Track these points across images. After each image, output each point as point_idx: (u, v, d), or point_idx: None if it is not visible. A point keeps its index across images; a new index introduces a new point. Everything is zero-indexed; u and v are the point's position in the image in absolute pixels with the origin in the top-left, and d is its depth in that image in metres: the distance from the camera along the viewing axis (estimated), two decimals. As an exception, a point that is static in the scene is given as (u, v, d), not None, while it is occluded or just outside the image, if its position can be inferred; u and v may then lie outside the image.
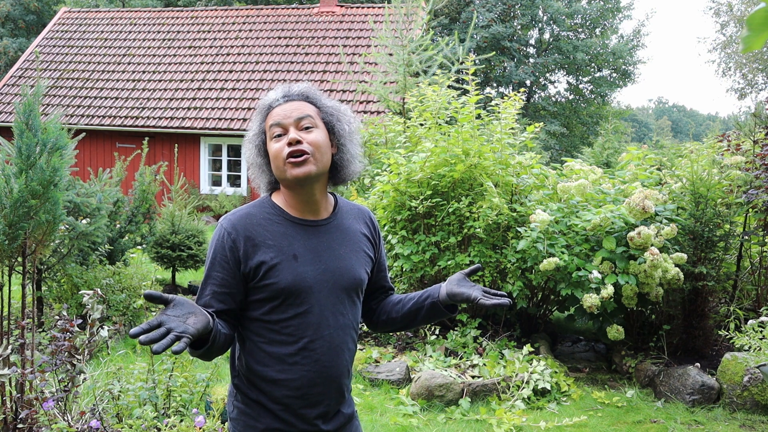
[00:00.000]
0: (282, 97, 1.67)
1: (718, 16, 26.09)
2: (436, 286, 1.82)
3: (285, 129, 1.64)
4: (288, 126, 1.63)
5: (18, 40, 25.78)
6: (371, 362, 4.92)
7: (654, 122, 68.78)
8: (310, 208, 1.69)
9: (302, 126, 1.64)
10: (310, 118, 1.65)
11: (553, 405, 4.40)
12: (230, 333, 1.61)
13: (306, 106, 1.67)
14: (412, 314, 1.83)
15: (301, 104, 1.66)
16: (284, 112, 1.65)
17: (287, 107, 1.65)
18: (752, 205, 5.02)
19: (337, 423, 1.71)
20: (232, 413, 1.70)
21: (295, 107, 1.65)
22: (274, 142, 1.64)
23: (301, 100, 1.68)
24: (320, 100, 1.71)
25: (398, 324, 1.86)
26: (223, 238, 1.63)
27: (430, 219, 5.35)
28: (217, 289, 1.61)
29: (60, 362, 3.11)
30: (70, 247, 5.05)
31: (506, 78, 26.53)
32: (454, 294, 1.74)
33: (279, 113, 1.65)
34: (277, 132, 1.64)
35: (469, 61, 5.78)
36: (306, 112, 1.65)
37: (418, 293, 1.84)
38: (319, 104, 1.70)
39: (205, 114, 14.66)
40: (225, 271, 1.62)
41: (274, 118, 1.65)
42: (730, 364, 4.38)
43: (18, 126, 3.20)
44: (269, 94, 1.72)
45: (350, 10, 16.85)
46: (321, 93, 1.74)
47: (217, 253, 1.64)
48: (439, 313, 1.80)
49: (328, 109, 1.70)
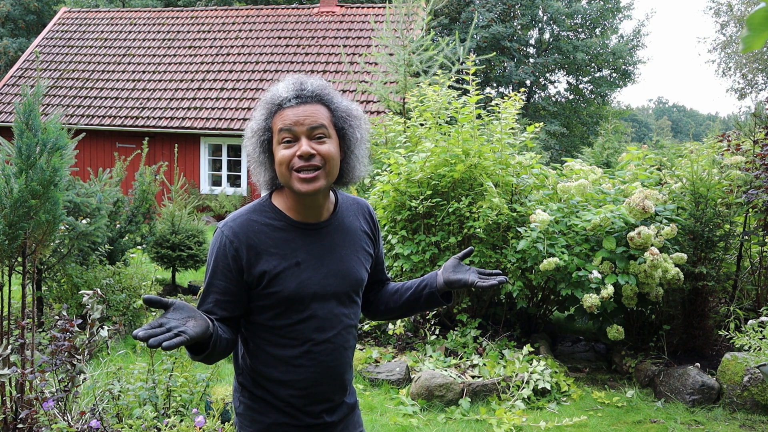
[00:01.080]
0: (294, 97, 1.58)
1: (718, 16, 26.10)
2: (433, 273, 1.82)
3: (296, 136, 1.57)
4: (300, 134, 1.57)
5: (18, 40, 25.78)
6: (371, 362, 4.92)
7: (654, 122, 68.78)
8: (313, 212, 1.67)
9: (315, 135, 1.57)
10: (323, 128, 1.58)
11: (553, 405, 4.41)
12: (232, 337, 1.61)
13: (319, 111, 1.59)
14: (410, 303, 1.84)
15: (314, 109, 1.58)
16: (297, 117, 1.56)
17: (300, 111, 1.57)
18: (752, 205, 5.02)
19: (341, 414, 1.74)
20: (239, 408, 1.72)
21: (309, 113, 1.57)
22: (283, 147, 1.57)
23: (315, 102, 1.59)
24: (333, 102, 1.63)
25: (396, 313, 1.88)
26: (225, 246, 1.61)
27: (430, 219, 5.35)
28: (220, 297, 1.60)
29: (60, 362, 3.11)
30: (70, 247, 5.05)
31: (506, 78, 26.53)
32: (452, 281, 1.74)
33: (291, 117, 1.57)
34: (287, 138, 1.57)
35: (470, 61, 5.77)
36: (320, 120, 1.57)
37: (415, 282, 1.84)
38: (333, 107, 1.62)
39: (205, 114, 14.66)
40: (227, 280, 1.60)
41: (284, 121, 1.57)
42: (730, 364, 4.38)
43: (18, 126, 3.20)
44: (279, 87, 1.62)
45: (350, 10, 16.85)
46: (334, 91, 1.65)
47: (219, 261, 1.61)
48: (437, 302, 1.81)
49: (341, 113, 1.63)
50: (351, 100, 1.70)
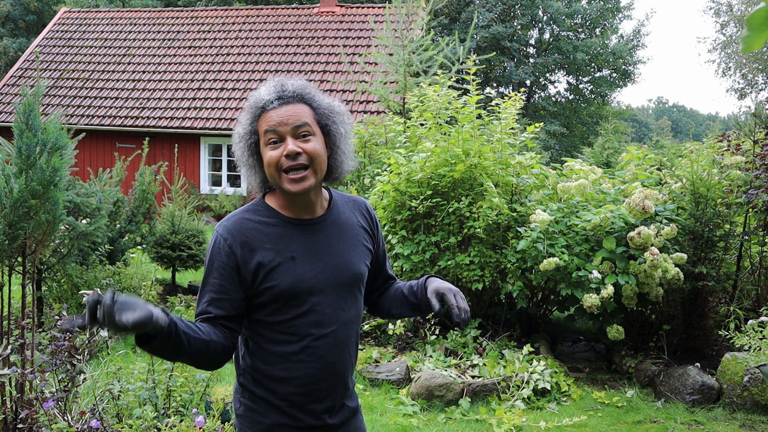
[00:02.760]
0: (276, 99, 1.61)
1: (718, 16, 26.11)
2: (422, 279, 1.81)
3: (281, 137, 1.60)
4: (285, 134, 1.60)
5: (18, 40, 25.78)
6: (371, 362, 4.92)
7: (654, 122, 68.79)
8: (306, 209, 1.69)
9: (299, 134, 1.60)
10: (307, 126, 1.61)
11: (553, 405, 4.41)
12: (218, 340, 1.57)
13: (302, 109, 1.62)
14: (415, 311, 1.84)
15: (297, 108, 1.62)
16: (280, 117, 1.60)
17: (283, 112, 1.60)
18: (752, 205, 5.02)
19: (342, 416, 1.73)
20: (239, 410, 1.72)
21: (292, 113, 1.60)
22: (270, 149, 1.60)
23: (296, 101, 1.63)
24: (315, 100, 1.66)
25: (397, 316, 1.90)
26: (220, 244, 1.62)
27: (430, 219, 5.35)
28: (215, 295, 1.61)
29: (60, 362, 3.12)
30: (70, 247, 5.05)
31: (506, 78, 26.53)
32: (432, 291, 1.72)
33: (274, 118, 1.60)
34: (273, 139, 1.60)
35: (470, 61, 5.77)
36: (303, 119, 1.61)
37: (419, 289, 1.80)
38: (315, 105, 1.65)
39: (205, 114, 14.66)
40: (222, 278, 1.61)
41: (268, 122, 1.60)
42: (730, 364, 4.38)
43: (18, 126, 3.20)
44: (261, 90, 1.65)
45: (350, 10, 16.85)
46: (314, 90, 1.69)
47: (214, 259, 1.63)
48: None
49: (323, 110, 1.66)
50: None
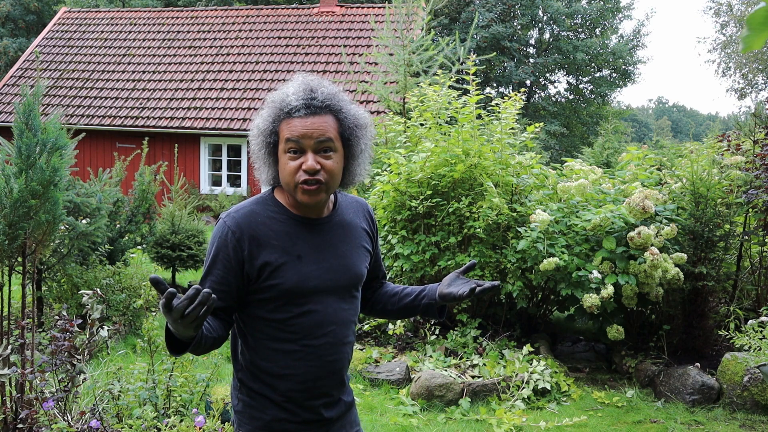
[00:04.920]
0: (304, 107, 1.57)
1: (718, 16, 26.10)
2: (434, 285, 1.84)
3: (302, 149, 1.58)
4: (306, 148, 1.58)
5: (18, 40, 25.77)
6: (371, 362, 4.92)
7: (654, 122, 68.77)
8: (313, 210, 1.70)
9: (321, 149, 1.59)
10: (330, 142, 1.59)
11: (553, 405, 4.41)
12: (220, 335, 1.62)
13: (328, 122, 1.59)
14: (408, 310, 1.88)
15: (323, 121, 1.58)
16: (305, 129, 1.57)
17: (308, 123, 1.57)
18: (752, 205, 5.02)
19: (338, 411, 1.75)
20: (237, 406, 1.73)
21: (317, 126, 1.57)
22: (289, 157, 1.59)
23: (324, 112, 1.59)
24: (342, 111, 1.62)
25: (392, 315, 1.92)
26: (227, 236, 1.62)
27: (430, 219, 5.35)
28: (216, 286, 1.62)
29: (60, 362, 3.12)
30: (70, 247, 5.05)
31: (506, 78, 26.52)
32: (444, 295, 1.75)
33: (299, 128, 1.57)
34: (293, 148, 1.58)
35: (470, 61, 5.77)
36: (327, 133, 1.58)
37: (416, 290, 1.86)
38: (341, 116, 1.62)
39: (205, 114, 14.66)
40: (226, 270, 1.62)
41: (291, 131, 1.58)
42: (730, 364, 4.38)
43: (18, 126, 3.20)
44: (288, 90, 1.61)
45: (350, 10, 16.84)
46: (343, 98, 1.64)
47: (219, 250, 1.63)
48: (433, 314, 1.84)
49: (349, 123, 1.63)
50: (351, 100, 1.70)
